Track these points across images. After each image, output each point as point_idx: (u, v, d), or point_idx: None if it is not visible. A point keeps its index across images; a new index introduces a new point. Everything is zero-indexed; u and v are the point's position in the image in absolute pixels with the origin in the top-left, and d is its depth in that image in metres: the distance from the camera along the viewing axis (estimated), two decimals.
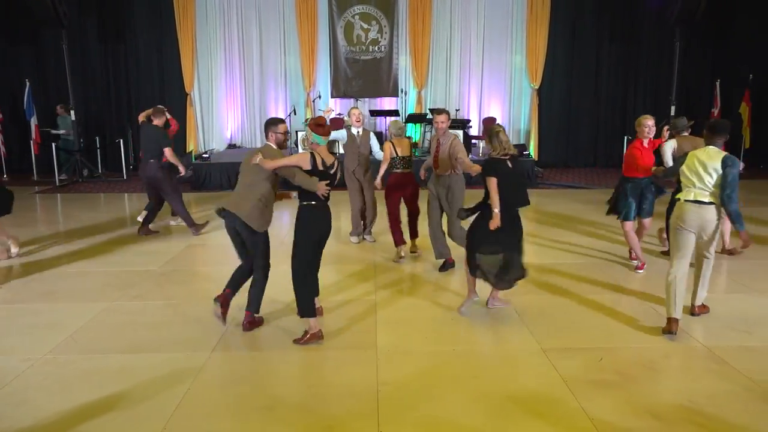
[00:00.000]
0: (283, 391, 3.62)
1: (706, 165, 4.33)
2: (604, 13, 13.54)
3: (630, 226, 5.90)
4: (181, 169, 7.50)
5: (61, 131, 12.61)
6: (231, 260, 5.79)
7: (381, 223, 7.09)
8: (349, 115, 7.08)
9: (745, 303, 5.10)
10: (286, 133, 4.52)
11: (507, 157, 4.65)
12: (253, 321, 4.60)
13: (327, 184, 4.18)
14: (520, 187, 4.78)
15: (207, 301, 5.14)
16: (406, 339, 4.40)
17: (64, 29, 11.84)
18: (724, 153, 4.34)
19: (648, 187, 5.84)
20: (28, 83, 12.55)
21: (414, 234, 6.50)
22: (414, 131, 13.28)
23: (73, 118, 12.37)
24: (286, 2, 13.39)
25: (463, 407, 3.41)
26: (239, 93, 13.82)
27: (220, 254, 6.91)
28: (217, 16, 13.43)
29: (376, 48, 13.60)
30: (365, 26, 13.52)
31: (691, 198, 4.40)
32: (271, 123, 4.49)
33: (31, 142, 12.67)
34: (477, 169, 5.12)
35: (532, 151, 13.42)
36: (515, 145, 13.14)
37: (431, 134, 12.86)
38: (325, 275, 5.92)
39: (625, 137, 12.67)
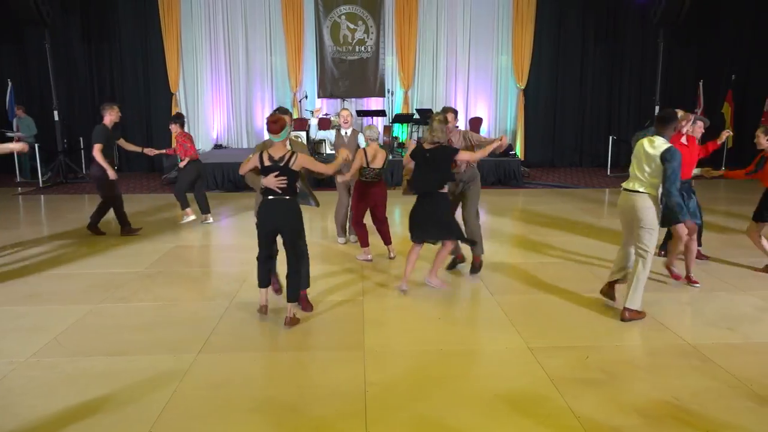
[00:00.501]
0: (270, 392, 3.60)
1: (648, 155, 4.43)
2: (589, 13, 13.66)
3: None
4: (110, 173, 7.25)
5: (16, 134, 12.27)
6: (217, 262, 5.76)
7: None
8: (338, 115, 7.07)
9: (728, 301, 5.15)
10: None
11: (434, 146, 5.11)
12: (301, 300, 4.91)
13: (278, 175, 4.35)
14: (429, 175, 5.12)
15: (193, 303, 5.13)
16: (394, 339, 4.40)
17: (47, 28, 11.72)
18: (666, 146, 4.37)
19: (687, 189, 5.57)
20: (10, 83, 12.41)
21: (388, 240, 6.49)
22: (401, 131, 13.30)
23: (56, 118, 12.24)
24: (272, 2, 13.36)
25: (451, 407, 3.42)
26: (225, 93, 13.77)
27: (207, 256, 6.88)
28: (202, 15, 13.36)
29: (363, 48, 13.60)
30: (352, 26, 13.52)
31: (629, 187, 4.57)
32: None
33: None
34: (499, 143, 5.37)
35: (519, 150, 13.49)
36: None
37: (418, 135, 12.92)
38: (313, 275, 5.92)
39: (611, 137, 12.78)
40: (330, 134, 7.00)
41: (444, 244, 5.33)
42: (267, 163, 4.39)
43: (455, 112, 5.86)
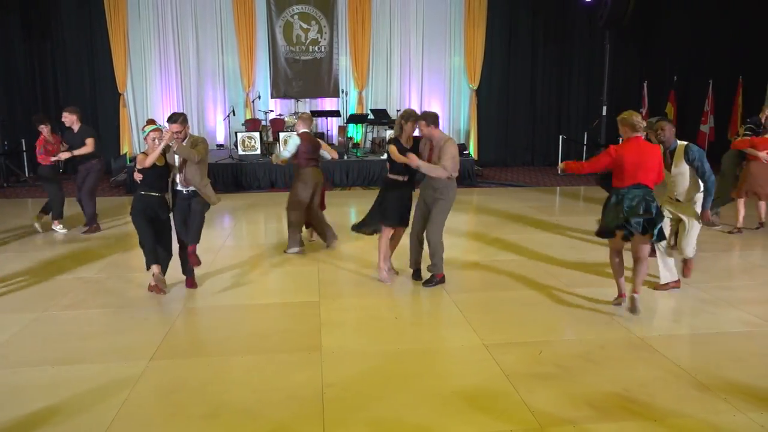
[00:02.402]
0: (226, 397, 3.54)
1: None
2: (539, 15, 13.94)
3: None
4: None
5: None
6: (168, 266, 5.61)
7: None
8: (296, 117, 7.10)
9: (674, 294, 5.34)
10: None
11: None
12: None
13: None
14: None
15: (144, 308, 5.00)
16: (351, 340, 4.39)
17: None
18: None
19: None
20: None
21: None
22: (355, 132, 13.29)
23: None
24: (223, 1, 13.14)
25: (409, 406, 3.44)
26: (176, 93, 13.45)
27: None
28: (150, 14, 13.03)
29: (316, 48, 13.53)
30: (305, 26, 13.43)
31: None
32: None
33: None
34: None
35: (472, 150, 13.67)
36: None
37: (372, 135, 12.94)
38: (269, 278, 5.86)
39: (561, 136, 13.08)
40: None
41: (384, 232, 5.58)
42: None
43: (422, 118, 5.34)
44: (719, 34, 13.91)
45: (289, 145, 6.52)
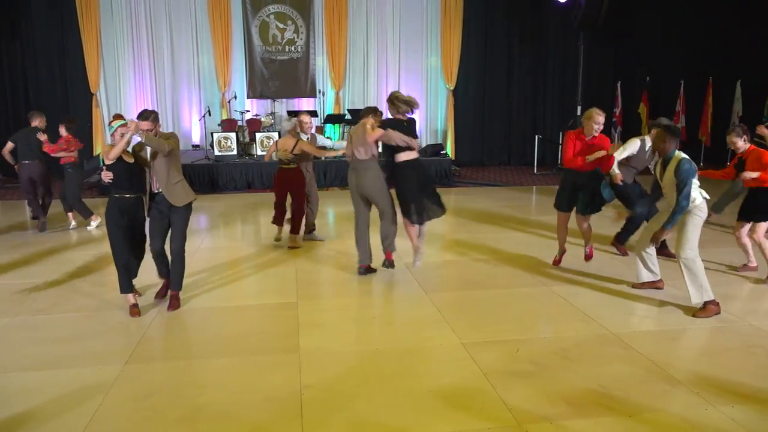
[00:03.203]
0: (203, 400, 3.51)
1: None
2: (514, 15, 14.07)
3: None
4: None
5: None
6: (142, 269, 5.52)
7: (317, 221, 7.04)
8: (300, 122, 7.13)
9: (648, 291, 5.41)
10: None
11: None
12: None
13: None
14: None
15: (119, 312, 4.93)
16: (329, 340, 4.38)
17: None
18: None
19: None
20: None
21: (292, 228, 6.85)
22: (333, 132, 13.27)
23: None
24: (198, 0, 13.02)
25: (388, 406, 3.44)
26: (150, 94, 13.30)
27: None
28: (123, 13, 12.87)
29: (293, 48, 13.48)
30: (281, 26, 13.37)
31: None
32: None
33: None
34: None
35: (449, 150, 13.73)
36: (432, 145, 13.47)
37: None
38: (246, 279, 5.82)
39: (536, 136, 13.21)
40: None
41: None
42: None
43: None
44: (690, 36, 14.18)
45: None
